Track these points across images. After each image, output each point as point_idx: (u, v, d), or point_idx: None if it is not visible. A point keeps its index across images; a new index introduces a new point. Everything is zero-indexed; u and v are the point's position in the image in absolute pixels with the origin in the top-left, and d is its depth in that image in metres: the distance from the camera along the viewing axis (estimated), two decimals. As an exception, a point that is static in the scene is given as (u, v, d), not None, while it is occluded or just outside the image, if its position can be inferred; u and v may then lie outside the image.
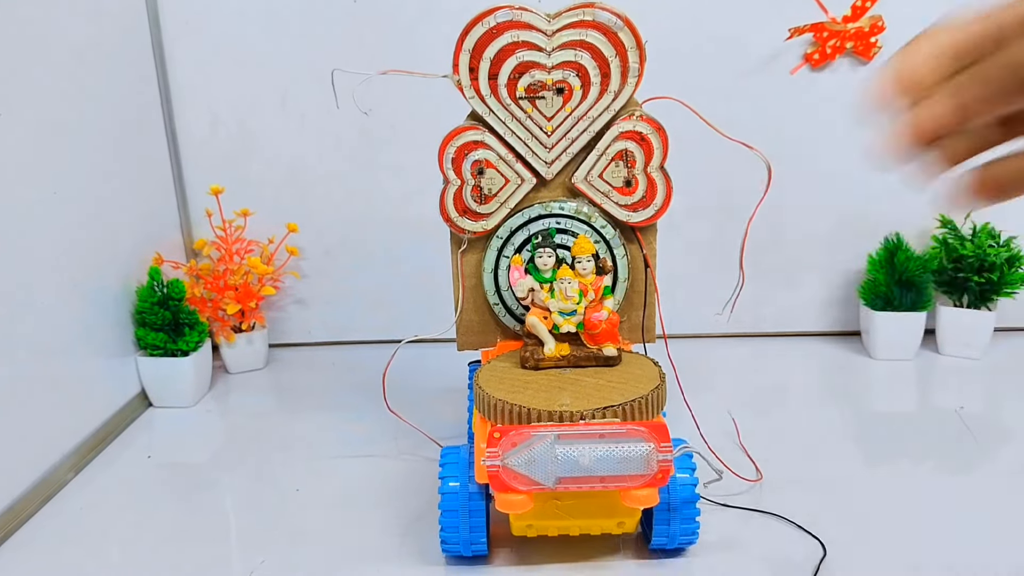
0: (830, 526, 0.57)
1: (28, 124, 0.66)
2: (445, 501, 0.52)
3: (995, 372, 0.86)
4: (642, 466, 0.48)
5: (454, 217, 0.58)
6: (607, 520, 0.53)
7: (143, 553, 0.58)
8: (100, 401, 0.76)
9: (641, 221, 0.59)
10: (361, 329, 0.98)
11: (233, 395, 0.87)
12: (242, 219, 0.90)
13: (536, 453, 0.48)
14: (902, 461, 0.68)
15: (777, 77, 0.89)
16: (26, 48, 0.66)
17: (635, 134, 0.56)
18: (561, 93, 0.55)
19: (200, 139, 0.91)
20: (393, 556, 0.56)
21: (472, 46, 0.54)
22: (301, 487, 0.66)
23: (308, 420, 0.79)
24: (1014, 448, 0.70)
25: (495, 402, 0.51)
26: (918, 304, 0.87)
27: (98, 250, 0.76)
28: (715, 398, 0.79)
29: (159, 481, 0.69)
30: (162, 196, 0.90)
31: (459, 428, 0.72)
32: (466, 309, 0.61)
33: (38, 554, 0.58)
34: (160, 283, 0.80)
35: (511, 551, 0.56)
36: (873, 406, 0.81)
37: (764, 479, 0.64)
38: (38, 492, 0.65)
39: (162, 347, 0.80)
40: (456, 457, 0.54)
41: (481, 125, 0.57)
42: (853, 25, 0.86)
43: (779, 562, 0.54)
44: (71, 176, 0.72)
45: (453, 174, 0.57)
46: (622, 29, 0.54)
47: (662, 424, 0.49)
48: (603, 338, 0.57)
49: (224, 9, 0.88)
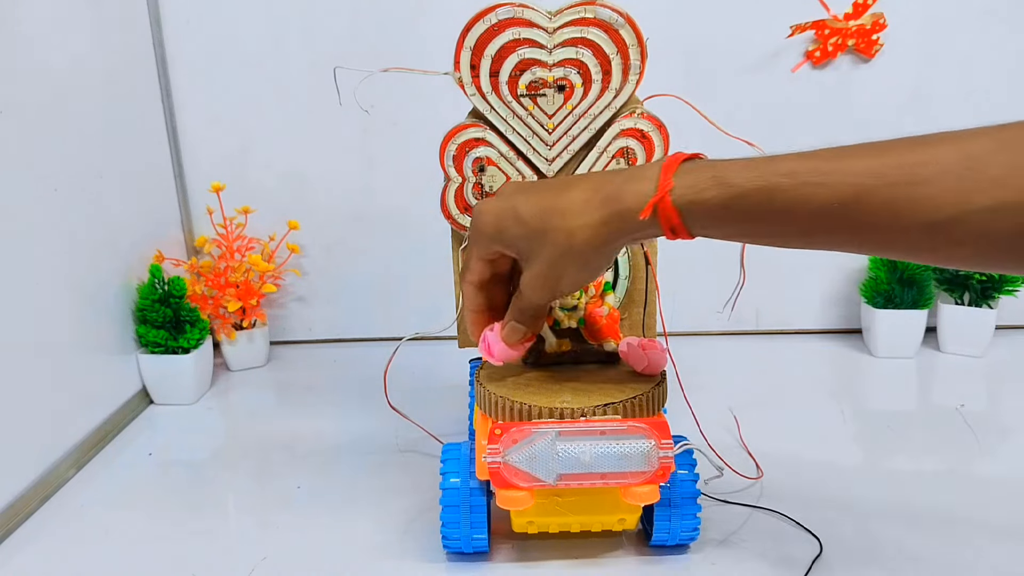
0: (830, 524, 0.57)
1: (29, 122, 0.66)
2: (446, 497, 0.52)
3: (996, 370, 0.86)
4: (643, 463, 0.48)
5: (455, 215, 0.58)
6: (608, 517, 0.53)
7: (144, 550, 0.58)
8: (101, 398, 0.76)
9: (642, 218, 0.58)
10: (362, 326, 0.98)
11: (234, 392, 0.87)
12: (243, 216, 0.90)
13: (537, 450, 0.48)
14: (903, 459, 0.68)
15: (779, 74, 0.89)
16: (27, 47, 0.66)
17: (636, 131, 0.56)
18: (562, 90, 0.55)
19: (201, 137, 0.91)
20: (394, 552, 0.56)
21: (473, 43, 0.54)
22: (302, 484, 0.66)
23: (309, 417, 0.79)
24: (1015, 446, 0.70)
25: (496, 399, 0.51)
26: (919, 302, 0.87)
27: (99, 247, 0.76)
28: (716, 395, 0.79)
29: (160, 478, 0.69)
30: (163, 193, 0.91)
31: (460, 425, 0.72)
32: (467, 306, 0.61)
33: (39, 551, 0.58)
34: (161, 280, 0.80)
35: (512, 548, 0.56)
36: (874, 404, 0.81)
37: (765, 476, 0.64)
38: (39, 489, 0.65)
39: (163, 344, 0.80)
40: (457, 454, 0.54)
41: (482, 122, 0.57)
42: (855, 23, 0.86)
43: (779, 559, 0.54)
44: (72, 173, 0.72)
45: (454, 171, 0.57)
46: (623, 26, 0.54)
47: (663, 421, 0.49)
48: (604, 335, 0.57)
49: (224, 8, 0.88)
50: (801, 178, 0.39)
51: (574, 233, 0.44)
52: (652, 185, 0.42)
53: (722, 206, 0.41)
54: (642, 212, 0.42)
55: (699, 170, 0.42)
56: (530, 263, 0.47)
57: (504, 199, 0.48)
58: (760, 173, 0.40)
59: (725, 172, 0.41)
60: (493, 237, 0.47)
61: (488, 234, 0.48)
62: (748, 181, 0.40)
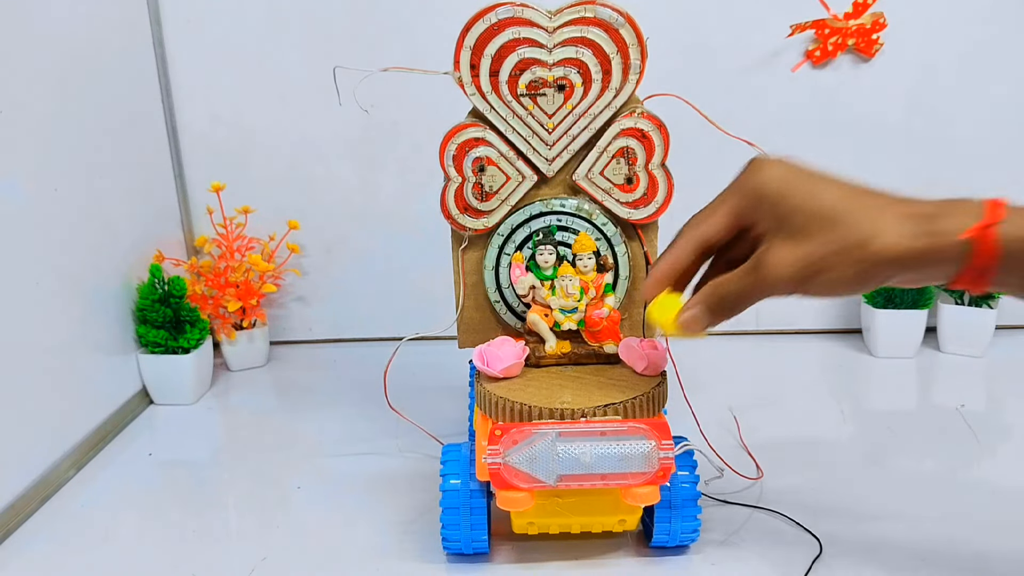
0: (830, 524, 0.57)
1: (29, 121, 0.66)
2: (446, 498, 0.52)
3: (996, 370, 0.85)
4: (643, 464, 0.48)
5: (455, 214, 0.58)
6: (608, 518, 0.53)
7: (144, 551, 0.58)
8: (101, 398, 0.76)
9: (642, 218, 0.58)
10: (362, 327, 0.98)
11: (234, 392, 0.87)
12: (243, 216, 0.90)
13: (537, 451, 0.48)
14: (903, 459, 0.68)
15: (779, 74, 0.88)
16: (27, 46, 0.66)
17: (636, 131, 0.56)
18: (562, 90, 0.55)
19: (201, 136, 0.91)
20: (394, 553, 0.56)
21: (473, 43, 0.54)
22: (302, 484, 0.66)
23: (309, 417, 0.79)
24: (1015, 446, 0.70)
25: (496, 399, 0.51)
26: (919, 302, 0.87)
27: (99, 247, 0.76)
28: (716, 396, 0.79)
29: (160, 478, 0.69)
30: (163, 193, 0.90)
31: (460, 426, 0.72)
32: (467, 307, 0.61)
33: (38, 552, 0.58)
34: (161, 280, 0.80)
35: (512, 549, 0.56)
36: (874, 404, 0.81)
37: (765, 477, 0.64)
38: (38, 490, 0.65)
39: (163, 344, 0.80)
40: (457, 455, 0.54)
41: (482, 122, 0.56)
42: (855, 22, 0.86)
43: (779, 559, 0.54)
44: (72, 173, 0.72)
45: (454, 171, 0.57)
46: (623, 26, 0.54)
47: (663, 422, 0.49)
48: (604, 335, 0.57)
49: (224, 7, 0.87)
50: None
51: (876, 236, 0.39)
52: (971, 219, 0.39)
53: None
54: (966, 232, 0.38)
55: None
56: (799, 242, 0.41)
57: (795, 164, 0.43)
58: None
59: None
60: (769, 196, 0.42)
61: (766, 191, 0.42)
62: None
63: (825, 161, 0.89)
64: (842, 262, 0.40)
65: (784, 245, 0.41)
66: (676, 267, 0.46)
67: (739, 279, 0.43)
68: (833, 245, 0.40)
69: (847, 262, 0.40)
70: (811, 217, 0.40)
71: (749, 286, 0.43)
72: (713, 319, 0.45)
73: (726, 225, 0.45)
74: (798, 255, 0.41)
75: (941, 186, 0.44)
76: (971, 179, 0.89)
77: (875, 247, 0.39)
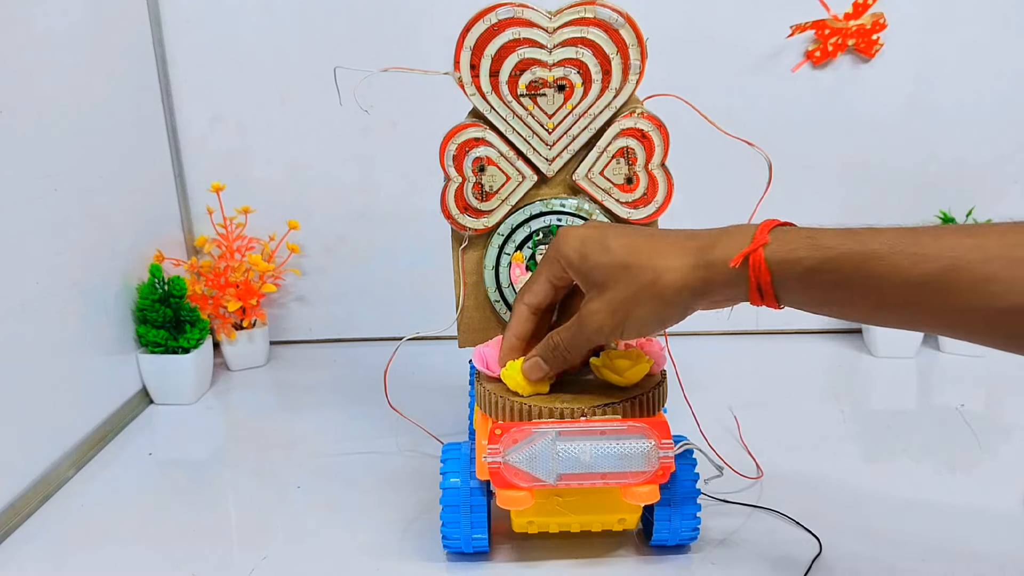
0: (830, 523, 0.57)
1: (29, 122, 0.66)
2: (446, 497, 0.52)
3: (996, 370, 0.85)
4: (643, 463, 0.48)
5: (455, 214, 0.58)
6: (608, 516, 0.53)
7: (144, 550, 0.58)
8: (101, 398, 0.76)
9: (642, 218, 0.59)
10: (362, 326, 0.98)
11: (234, 392, 0.87)
12: (243, 216, 0.90)
13: (537, 450, 0.48)
14: (903, 459, 0.68)
15: (778, 74, 0.89)
16: (27, 46, 0.66)
17: (636, 131, 0.56)
18: (562, 90, 0.55)
19: (201, 136, 0.91)
20: (394, 552, 0.56)
21: (473, 43, 0.54)
22: (302, 484, 0.66)
23: (309, 417, 0.79)
24: (1015, 446, 0.70)
25: (496, 399, 0.51)
26: (919, 302, 0.87)
27: (99, 247, 0.76)
28: (716, 395, 0.79)
29: (160, 478, 0.69)
30: (163, 193, 0.90)
31: (460, 425, 0.72)
32: (467, 306, 0.61)
33: (38, 552, 0.58)
34: (161, 280, 0.80)
35: (512, 547, 0.56)
36: (874, 404, 0.81)
37: (765, 476, 0.64)
38: (38, 489, 0.65)
39: (163, 344, 0.80)
40: (457, 453, 0.54)
41: (482, 122, 0.57)
42: (855, 22, 0.86)
43: (779, 559, 0.54)
44: (72, 173, 0.72)
45: (454, 171, 0.57)
46: (623, 26, 0.54)
47: (663, 421, 0.49)
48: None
49: (224, 7, 0.88)
50: (898, 247, 0.39)
51: (661, 274, 0.44)
52: (747, 240, 0.43)
53: (814, 269, 0.41)
54: (732, 260, 0.42)
55: (795, 232, 0.43)
56: (603, 293, 0.46)
57: (592, 228, 0.49)
58: (857, 239, 0.40)
59: (821, 236, 0.41)
60: (573, 261, 0.48)
61: (569, 257, 0.48)
62: (843, 245, 0.40)
63: (823, 161, 0.89)
64: (641, 302, 0.45)
65: (594, 298, 0.47)
66: (520, 335, 0.52)
67: (566, 330, 0.49)
68: (630, 289, 0.45)
69: (645, 300, 0.45)
70: (609, 270, 0.46)
71: (574, 336, 0.49)
72: (551, 366, 0.50)
73: (546, 291, 0.51)
74: (604, 303, 0.46)
75: (941, 186, 0.44)
76: (971, 179, 0.89)
77: (663, 283, 0.44)
